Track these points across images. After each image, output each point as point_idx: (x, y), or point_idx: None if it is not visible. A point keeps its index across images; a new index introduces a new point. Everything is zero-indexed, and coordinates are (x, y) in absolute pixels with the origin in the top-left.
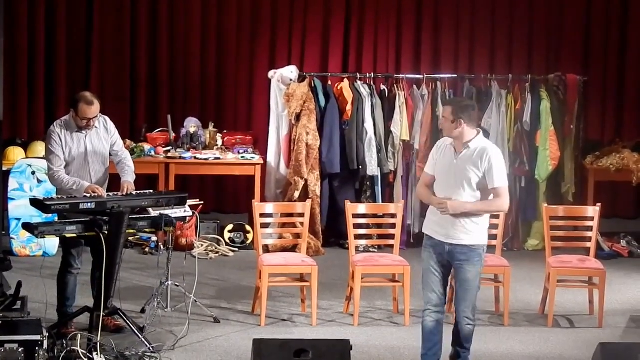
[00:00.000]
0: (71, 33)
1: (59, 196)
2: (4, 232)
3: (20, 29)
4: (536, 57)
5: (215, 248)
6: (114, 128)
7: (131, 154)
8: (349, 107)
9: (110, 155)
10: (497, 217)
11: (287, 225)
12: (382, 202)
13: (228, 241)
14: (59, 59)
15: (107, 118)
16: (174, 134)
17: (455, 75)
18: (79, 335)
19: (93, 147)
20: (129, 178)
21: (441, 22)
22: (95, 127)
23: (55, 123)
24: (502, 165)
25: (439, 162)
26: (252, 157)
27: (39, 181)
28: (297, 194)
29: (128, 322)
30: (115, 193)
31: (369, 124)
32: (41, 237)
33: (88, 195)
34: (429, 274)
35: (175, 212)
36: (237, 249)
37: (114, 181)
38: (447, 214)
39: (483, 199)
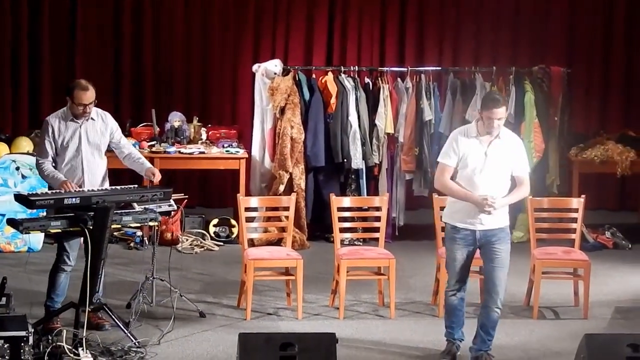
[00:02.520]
0: (55, 28)
1: (43, 191)
2: None
3: (4, 25)
4: (520, 49)
5: (201, 242)
6: (115, 123)
7: None
8: (333, 100)
9: (114, 150)
10: None
11: (272, 219)
12: (367, 195)
13: (213, 235)
14: (43, 54)
15: (107, 114)
16: (158, 129)
17: (440, 68)
18: (65, 330)
19: (88, 137)
20: (150, 165)
21: (425, 15)
22: (92, 119)
23: (53, 113)
24: (525, 154)
25: (466, 155)
26: (237, 151)
27: (23, 177)
28: (282, 188)
29: (113, 317)
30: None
31: (353, 117)
32: (26, 233)
33: (63, 190)
34: (455, 262)
35: (160, 207)
36: (222, 243)
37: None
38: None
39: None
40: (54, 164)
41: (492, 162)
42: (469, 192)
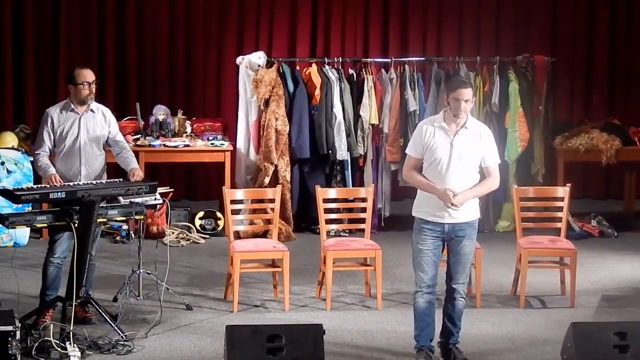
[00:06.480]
0: (38, 23)
1: (28, 186)
2: None
3: None
4: (504, 38)
5: (187, 235)
6: (114, 119)
7: None
8: (317, 92)
9: (109, 146)
10: None
11: (257, 211)
12: (352, 186)
13: (199, 228)
14: (27, 49)
15: (107, 109)
16: (142, 122)
17: (423, 58)
18: (52, 325)
19: (87, 129)
20: (136, 165)
21: (408, 5)
22: (92, 111)
23: (54, 105)
24: (495, 145)
25: (432, 146)
26: (222, 144)
27: (9, 171)
28: (267, 180)
29: (100, 310)
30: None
31: (337, 109)
32: (12, 228)
33: (49, 185)
34: (424, 256)
35: (145, 200)
36: (208, 236)
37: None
38: (457, 208)
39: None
40: (49, 155)
41: (458, 152)
42: (433, 184)
